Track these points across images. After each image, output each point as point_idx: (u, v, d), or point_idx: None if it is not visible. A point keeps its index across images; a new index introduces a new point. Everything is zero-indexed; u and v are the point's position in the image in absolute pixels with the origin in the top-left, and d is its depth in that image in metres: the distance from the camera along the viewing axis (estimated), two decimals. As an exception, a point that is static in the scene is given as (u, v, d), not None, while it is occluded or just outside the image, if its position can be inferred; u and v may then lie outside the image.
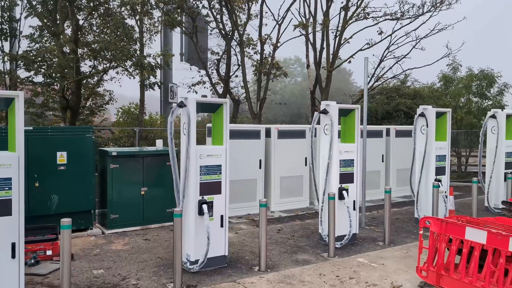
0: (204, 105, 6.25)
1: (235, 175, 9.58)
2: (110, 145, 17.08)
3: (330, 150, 7.40)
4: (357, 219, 7.71)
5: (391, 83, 18.12)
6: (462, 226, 5.07)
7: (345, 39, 15.20)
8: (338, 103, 7.59)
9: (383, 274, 6.03)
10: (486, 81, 16.98)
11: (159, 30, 18.02)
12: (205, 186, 6.05)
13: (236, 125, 10.33)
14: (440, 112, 9.02)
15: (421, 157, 8.86)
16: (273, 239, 7.81)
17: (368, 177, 11.70)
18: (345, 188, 7.47)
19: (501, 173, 10.19)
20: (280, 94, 56.42)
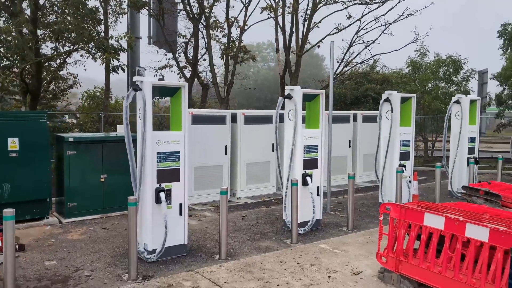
0: (161, 89, 6.00)
1: (200, 161, 9.38)
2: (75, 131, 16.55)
3: (294, 136, 7.28)
4: (321, 205, 7.66)
5: (360, 69, 18.14)
6: (421, 212, 5.04)
7: (314, 23, 15.04)
8: (302, 88, 7.46)
9: (344, 260, 6.00)
10: (453, 67, 17.21)
11: (125, 11, 17.42)
12: (162, 173, 5.84)
13: (201, 110, 10.10)
14: (405, 97, 9.02)
15: (386, 143, 8.87)
16: (237, 226, 7.69)
17: (335, 163, 11.71)
18: (309, 174, 7.38)
19: (464, 158, 10.33)
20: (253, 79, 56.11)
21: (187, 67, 15.17)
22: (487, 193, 6.35)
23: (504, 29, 16.84)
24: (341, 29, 14.32)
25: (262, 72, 58.93)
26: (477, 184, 6.81)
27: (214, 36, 15.36)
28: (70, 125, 16.92)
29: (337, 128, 11.81)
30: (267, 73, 56.79)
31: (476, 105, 10.58)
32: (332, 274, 5.49)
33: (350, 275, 5.50)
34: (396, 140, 8.81)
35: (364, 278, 5.41)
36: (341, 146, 11.99)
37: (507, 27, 16.72)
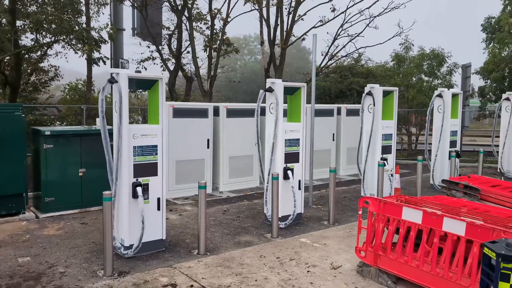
0: (138, 81, 5.87)
1: (182, 155, 9.28)
2: (56, 124, 16.28)
3: (275, 129, 7.22)
4: (302, 199, 7.62)
5: (345, 62, 18.13)
6: (399, 206, 5.02)
7: (299, 16, 14.96)
8: (284, 81, 7.39)
9: (324, 255, 5.97)
10: (437, 61, 17.29)
11: (107, 2, 17.12)
12: (139, 167, 5.73)
13: (182, 103, 9.96)
14: (387, 90, 9.00)
15: (368, 136, 8.85)
16: (218, 221, 7.62)
17: (319, 156, 11.71)
18: (290, 167, 7.33)
19: (446, 151, 10.38)
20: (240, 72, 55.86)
21: (171, 59, 14.96)
22: (466, 186, 6.36)
23: (487, 23, 16.94)
24: (325, 22, 14.26)
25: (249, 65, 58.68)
26: (457, 178, 6.83)
27: (198, 28, 15.19)
28: (52, 118, 16.63)
29: (321, 121, 11.80)
30: (254, 66, 56.59)
31: (458, 98, 10.62)
32: (311, 269, 5.46)
33: (329, 269, 5.47)
34: (378, 133, 8.80)
35: (343, 273, 5.38)
36: (324, 139, 11.98)
37: (491, 20, 16.82)
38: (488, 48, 16.73)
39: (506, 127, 12.69)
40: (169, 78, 15.68)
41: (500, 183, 6.75)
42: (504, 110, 12.77)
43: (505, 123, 12.71)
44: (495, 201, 6.13)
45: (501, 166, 12.75)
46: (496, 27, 16.13)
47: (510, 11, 15.48)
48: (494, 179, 7.12)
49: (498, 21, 15.81)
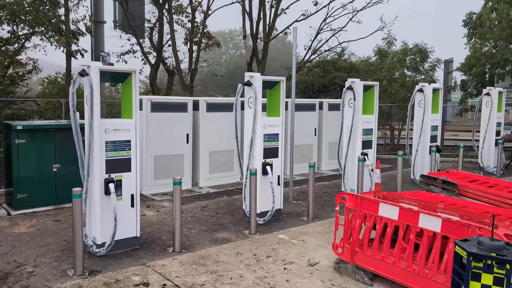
0: (110, 74, 5.69)
1: (161, 150, 9.11)
2: (35, 118, 15.90)
3: (254, 124, 7.10)
4: (281, 195, 7.52)
5: (329, 56, 18.07)
6: (375, 202, 4.96)
7: (282, 9, 14.84)
8: (262, 75, 7.27)
9: (301, 251, 5.89)
10: (420, 56, 17.33)
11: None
12: (112, 163, 5.56)
13: (160, 97, 9.77)
14: (368, 85, 8.94)
15: (348, 131, 8.80)
16: (196, 217, 7.49)
17: (301, 151, 11.65)
18: (269, 163, 7.23)
19: (426, 146, 10.38)
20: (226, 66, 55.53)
21: (151, 52, 14.71)
22: (444, 182, 6.34)
23: (469, 18, 17.02)
24: (307, 16, 14.16)
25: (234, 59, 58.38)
26: (436, 173, 6.81)
27: (180, 21, 14.97)
28: (30, 112, 16.23)
29: (303, 116, 11.72)
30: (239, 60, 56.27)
31: (439, 93, 10.63)
32: (287, 266, 5.37)
33: (306, 266, 5.40)
34: (358, 128, 8.74)
35: (320, 269, 5.31)
36: (306, 134, 11.91)
37: (472, 16, 16.90)
38: (470, 43, 16.83)
39: (486, 122, 12.78)
40: (150, 71, 15.45)
41: (478, 178, 6.75)
42: (485, 105, 12.86)
43: (486, 118, 12.81)
44: (472, 196, 6.12)
45: (481, 161, 12.86)
46: (477, 22, 16.22)
47: (491, 6, 15.57)
48: (472, 174, 7.12)
49: (480, 16, 15.89)
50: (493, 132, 12.65)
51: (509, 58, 13.77)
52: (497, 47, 15.28)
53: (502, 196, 5.81)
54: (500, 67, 15.20)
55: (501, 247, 2.78)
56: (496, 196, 5.88)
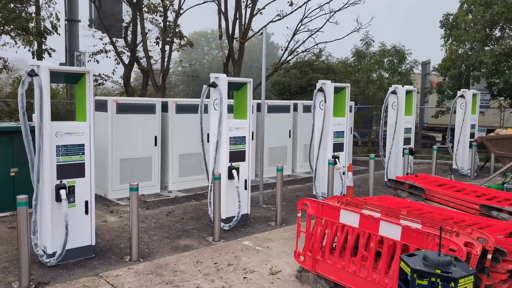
0: (61, 75, 5.40)
1: (127, 153, 8.82)
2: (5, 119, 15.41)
3: (219, 126, 6.87)
4: (248, 199, 7.32)
5: (306, 57, 17.94)
6: (336, 209, 4.78)
7: (258, 9, 14.65)
8: (228, 76, 7.05)
9: (265, 259, 5.69)
10: (398, 57, 17.33)
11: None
12: (64, 168, 5.28)
13: (127, 98, 9.48)
14: (339, 87, 8.80)
15: (319, 133, 8.64)
16: (159, 223, 7.22)
17: (275, 153, 11.49)
18: (236, 167, 7.01)
19: (400, 148, 10.30)
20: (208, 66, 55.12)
21: (124, 52, 14.36)
22: (412, 186, 6.21)
23: (445, 19, 17.07)
24: (283, 16, 14.00)
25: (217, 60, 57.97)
26: (404, 177, 6.68)
27: (154, 20, 14.68)
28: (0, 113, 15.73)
29: (277, 118, 11.55)
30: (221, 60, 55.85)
31: (412, 95, 10.55)
32: (248, 275, 5.16)
33: (268, 275, 5.19)
34: (329, 131, 8.59)
35: (282, 278, 5.12)
36: (281, 136, 11.74)
37: (449, 17, 16.95)
38: (446, 45, 16.88)
39: (460, 124, 12.79)
40: (124, 72, 15.11)
41: (446, 182, 6.64)
42: (459, 107, 12.86)
43: (460, 120, 12.81)
44: (440, 201, 6.00)
45: (456, 163, 12.85)
46: (454, 24, 16.27)
47: (467, 8, 15.62)
48: (441, 178, 7.01)
49: (456, 17, 15.95)
50: (467, 134, 12.65)
51: (484, 60, 13.81)
52: (473, 49, 15.33)
53: (469, 201, 5.70)
54: (475, 69, 15.26)
55: (447, 263, 2.62)
56: (462, 201, 5.76)
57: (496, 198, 5.86)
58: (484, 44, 14.86)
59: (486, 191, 6.17)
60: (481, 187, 6.49)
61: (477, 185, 6.69)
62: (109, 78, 15.52)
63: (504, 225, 4.72)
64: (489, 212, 5.27)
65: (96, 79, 15.71)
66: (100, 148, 8.98)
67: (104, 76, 15.50)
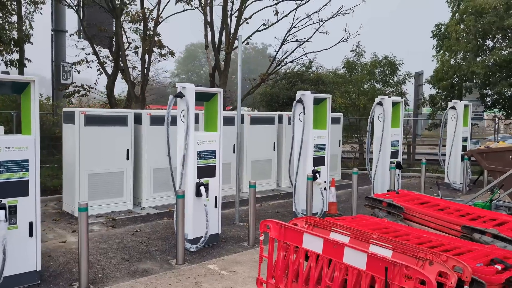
0: (3, 84, 4.95)
1: (96, 167, 8.35)
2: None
3: (186, 139, 6.42)
4: (219, 218, 6.83)
5: (296, 68, 17.57)
6: (299, 232, 4.30)
7: (245, 18, 14.29)
8: (197, 86, 6.62)
9: (228, 285, 5.19)
10: (389, 68, 16.94)
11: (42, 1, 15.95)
12: (3, 186, 4.80)
13: (96, 110, 9.03)
14: (320, 98, 8.37)
15: (299, 146, 8.19)
16: (123, 244, 6.72)
17: (259, 167, 11.07)
18: (204, 183, 6.54)
19: (386, 162, 9.82)
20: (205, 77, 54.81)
21: (106, 62, 13.94)
22: (390, 205, 5.72)
23: (437, 30, 16.73)
24: (268, 26, 13.63)
25: (211, 71, 57.54)
26: (383, 194, 6.20)
27: (138, 29, 14.29)
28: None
29: (260, 130, 11.13)
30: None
31: (399, 107, 10.11)
32: (205, 305, 4.66)
33: (228, 304, 4.70)
34: (309, 144, 8.14)
35: (242, 309, 4.62)
36: (265, 149, 11.28)
37: (441, 27, 16.61)
38: (438, 56, 16.51)
39: (452, 137, 12.34)
40: (107, 82, 14.69)
41: (429, 199, 6.16)
42: (450, 119, 12.43)
43: (451, 132, 12.37)
44: (419, 221, 5.51)
45: (447, 177, 12.38)
46: (446, 34, 15.92)
47: (458, 18, 15.28)
48: (424, 195, 6.53)
49: (447, 27, 15.60)
50: (459, 147, 12.21)
51: (475, 71, 13.41)
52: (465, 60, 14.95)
53: (451, 221, 5.21)
54: (468, 80, 14.86)
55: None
56: (444, 221, 5.28)
57: (481, 218, 5.37)
58: (476, 54, 14.48)
59: (471, 210, 5.69)
60: (466, 205, 6.01)
61: (462, 203, 6.21)
62: (92, 89, 15.06)
63: (486, 250, 4.24)
64: (471, 234, 4.79)
65: (78, 90, 15.26)
66: (67, 162, 8.54)
67: (87, 87, 15.06)
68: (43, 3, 16.11)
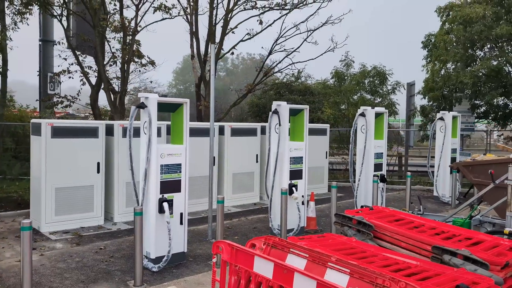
0: None
1: (64, 181, 8.02)
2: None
3: (148, 152, 6.10)
4: (185, 235, 6.47)
5: (285, 78, 17.29)
6: (250, 255, 3.96)
7: (230, 28, 14.07)
8: (162, 96, 6.32)
9: (183, 310, 4.82)
10: (379, 78, 16.66)
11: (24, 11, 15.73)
12: None
13: (64, 121, 8.68)
14: (297, 109, 8.06)
15: (275, 159, 7.85)
16: (82, 263, 6.35)
17: (240, 179, 10.76)
18: (168, 199, 6.20)
19: (370, 175, 9.46)
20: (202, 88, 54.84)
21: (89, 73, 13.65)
22: (360, 222, 5.36)
23: (427, 40, 16.49)
24: (253, 35, 13.38)
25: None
26: (354, 211, 5.84)
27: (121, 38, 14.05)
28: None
29: (242, 141, 10.83)
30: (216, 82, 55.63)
31: (383, 118, 9.79)
32: (153, 333, 4.29)
33: (178, 332, 4.33)
34: (285, 156, 7.80)
35: (193, 338, 4.24)
36: (247, 161, 10.95)
37: (431, 38, 16.38)
38: (428, 66, 16.25)
39: (440, 148, 12.02)
40: (91, 93, 14.42)
41: (404, 216, 5.81)
42: (439, 130, 12.11)
43: (440, 143, 12.05)
44: (390, 240, 5.16)
45: (436, 190, 12.03)
46: (435, 44, 15.68)
47: (448, 28, 15.04)
48: (399, 211, 6.18)
49: (436, 37, 15.37)
50: (447, 159, 11.87)
51: (463, 81, 13.12)
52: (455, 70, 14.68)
53: (422, 240, 4.85)
54: (458, 90, 14.58)
55: None
56: (415, 240, 4.92)
57: (456, 237, 5.02)
58: (466, 64, 14.21)
59: (446, 228, 5.33)
60: (442, 223, 5.66)
61: (438, 221, 5.86)
62: (76, 100, 14.77)
63: (454, 275, 3.89)
64: (441, 256, 4.43)
65: (62, 101, 14.98)
66: (34, 176, 8.21)
67: (70, 97, 14.78)
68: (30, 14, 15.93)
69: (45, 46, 17.37)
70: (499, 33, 12.67)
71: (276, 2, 13.70)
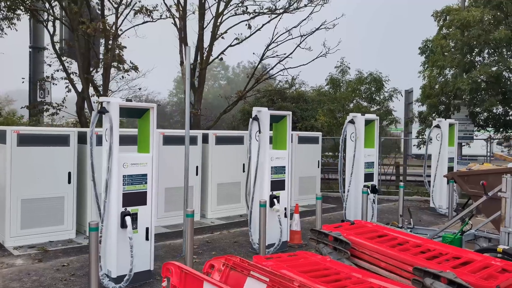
0: None
1: (32, 191, 7.53)
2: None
3: (109, 162, 5.62)
4: (151, 251, 5.96)
5: (278, 85, 16.82)
6: (200, 280, 3.44)
7: (220, 34, 13.66)
8: (126, 100, 5.85)
9: (136, 339, 4.29)
10: (375, 85, 16.17)
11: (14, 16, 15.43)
12: None
13: (32, 128, 8.19)
14: (279, 115, 7.56)
15: (255, 168, 7.35)
16: (39, 282, 5.83)
17: (226, 189, 10.28)
18: (132, 212, 5.70)
19: (360, 185, 8.94)
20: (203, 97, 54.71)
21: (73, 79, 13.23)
22: (337, 239, 4.84)
23: (424, 46, 16.02)
24: (241, 40, 12.96)
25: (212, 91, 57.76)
26: (333, 226, 5.33)
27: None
28: None
29: (228, 150, 10.35)
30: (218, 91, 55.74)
31: (374, 125, 9.29)
32: None
33: None
34: (265, 165, 7.29)
35: None
36: (233, 170, 10.45)
37: (428, 44, 15.90)
38: (425, 72, 15.76)
39: (437, 157, 11.48)
40: (77, 100, 14.01)
41: (388, 232, 5.28)
42: (435, 138, 11.58)
43: (436, 152, 11.52)
44: (369, 260, 4.63)
45: (433, 201, 11.46)
46: (432, 49, 15.20)
47: (445, 32, 14.56)
48: (383, 227, 5.66)
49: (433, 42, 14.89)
50: (444, 169, 11.33)
51: (461, 87, 12.60)
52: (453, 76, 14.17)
53: (404, 260, 4.33)
54: (455, 97, 14.06)
55: None
56: (396, 260, 4.40)
57: (442, 256, 4.49)
58: (464, 70, 13.70)
59: (432, 245, 4.80)
60: (429, 240, 5.13)
61: (425, 237, 5.32)
62: (62, 107, 14.37)
63: (435, 304, 3.36)
64: (423, 279, 3.90)
65: (47, 109, 14.58)
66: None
67: (56, 104, 14.38)
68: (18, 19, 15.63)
69: (34, 53, 17.05)
70: (497, 38, 12.18)
71: (267, 6, 13.29)
